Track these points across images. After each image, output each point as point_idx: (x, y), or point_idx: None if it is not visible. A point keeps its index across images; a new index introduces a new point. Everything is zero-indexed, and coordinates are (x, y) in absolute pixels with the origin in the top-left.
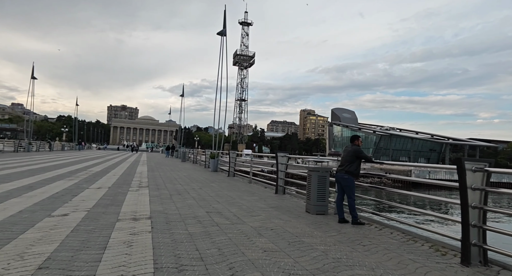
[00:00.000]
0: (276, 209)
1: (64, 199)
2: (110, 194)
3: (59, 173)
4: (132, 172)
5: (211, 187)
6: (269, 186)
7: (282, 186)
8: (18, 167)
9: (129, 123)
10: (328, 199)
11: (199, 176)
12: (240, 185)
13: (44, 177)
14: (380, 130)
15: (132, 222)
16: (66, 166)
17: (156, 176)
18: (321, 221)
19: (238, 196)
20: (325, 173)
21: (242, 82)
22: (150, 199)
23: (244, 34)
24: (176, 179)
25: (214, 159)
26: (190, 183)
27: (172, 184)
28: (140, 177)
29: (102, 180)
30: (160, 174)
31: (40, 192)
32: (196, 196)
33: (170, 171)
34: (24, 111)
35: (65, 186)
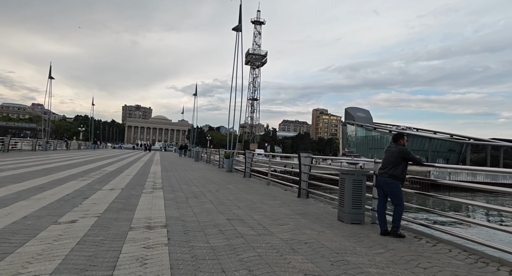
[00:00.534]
0: (304, 216)
1: (74, 202)
2: (123, 197)
3: (73, 173)
4: (145, 172)
5: (228, 189)
6: (289, 189)
7: (305, 189)
8: (33, 166)
9: (143, 123)
10: (364, 207)
11: (214, 176)
12: (258, 187)
13: (57, 177)
14: (396, 130)
15: (146, 231)
16: (80, 165)
17: (170, 177)
18: (360, 233)
19: (258, 200)
20: (362, 176)
21: (254, 81)
22: (165, 202)
23: (257, 33)
24: (191, 179)
25: (229, 159)
26: (206, 184)
27: (187, 185)
28: (154, 177)
29: (115, 180)
30: (174, 174)
31: (50, 193)
32: (214, 200)
33: (184, 171)
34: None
35: (77, 187)
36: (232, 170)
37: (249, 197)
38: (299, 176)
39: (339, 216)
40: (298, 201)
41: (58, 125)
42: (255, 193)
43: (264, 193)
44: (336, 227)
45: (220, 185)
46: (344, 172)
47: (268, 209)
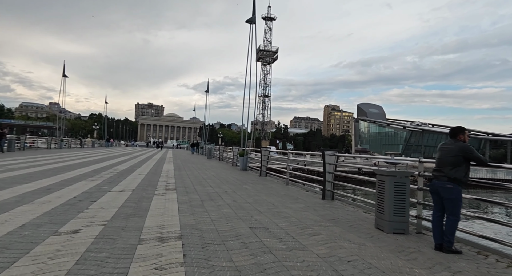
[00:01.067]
0: (336, 224)
1: (80, 206)
2: (134, 199)
3: (83, 172)
4: (158, 171)
5: (245, 189)
6: (311, 189)
7: (330, 190)
8: (45, 164)
9: (155, 121)
10: (408, 214)
11: (228, 175)
12: (277, 188)
13: (66, 177)
14: (410, 126)
15: (158, 244)
16: (92, 164)
17: (184, 176)
18: (408, 246)
19: (280, 203)
20: (405, 179)
21: (265, 78)
22: (179, 206)
23: (267, 29)
24: (205, 179)
25: (243, 156)
26: (221, 185)
27: (201, 185)
28: (166, 176)
29: (126, 180)
30: (187, 173)
31: (56, 196)
32: (232, 203)
33: (197, 169)
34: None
35: (85, 189)
36: (246, 168)
37: (270, 200)
38: (323, 176)
39: (377, 224)
40: (324, 204)
41: (74, 123)
42: (274, 194)
43: (284, 194)
44: (377, 238)
45: (236, 185)
46: (383, 173)
47: (293, 214)
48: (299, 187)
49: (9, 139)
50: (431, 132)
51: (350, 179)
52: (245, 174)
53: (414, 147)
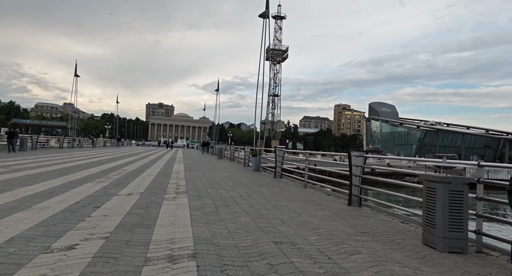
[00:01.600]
0: (373, 238)
1: (82, 213)
2: (141, 205)
3: (91, 173)
4: (168, 172)
5: (262, 193)
6: (333, 193)
7: (357, 195)
8: (54, 164)
9: (166, 120)
10: (467, 229)
11: (241, 177)
12: (295, 191)
13: (73, 178)
14: (425, 125)
15: (168, 266)
16: (101, 164)
17: (195, 177)
18: (477, 273)
19: (302, 209)
20: (462, 186)
21: (275, 77)
22: (191, 213)
23: (277, 28)
24: (217, 181)
25: (256, 157)
26: (235, 187)
27: (214, 188)
28: (177, 178)
29: (134, 182)
30: (198, 174)
31: (57, 201)
32: (249, 209)
33: (208, 170)
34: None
35: (90, 192)
36: (259, 169)
37: (290, 206)
38: (349, 179)
39: (426, 240)
40: (352, 212)
41: (87, 123)
42: (294, 199)
43: (305, 199)
44: (431, 259)
45: (251, 188)
46: (434, 178)
47: (320, 225)
48: (318, 190)
49: (21, 138)
50: (446, 132)
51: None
52: (259, 175)
53: (428, 147)
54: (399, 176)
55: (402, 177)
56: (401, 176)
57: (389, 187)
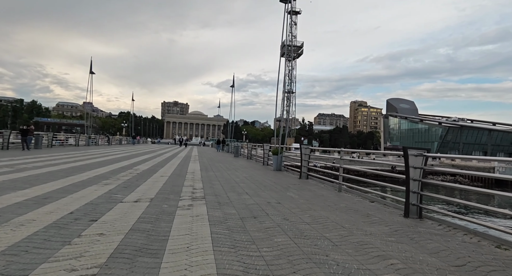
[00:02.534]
0: (470, 273)
1: (71, 231)
2: (149, 217)
3: (99, 173)
4: (183, 172)
5: (292, 199)
6: (376, 199)
7: (416, 205)
8: (63, 163)
9: (181, 119)
10: None
11: (263, 177)
12: (330, 196)
13: (77, 179)
14: (447, 122)
15: None
16: (113, 163)
17: (212, 178)
18: None
19: (350, 223)
20: None
21: (290, 73)
22: (212, 230)
23: (292, 23)
24: (237, 183)
25: (277, 155)
26: (259, 191)
27: (235, 192)
28: (192, 179)
29: (145, 184)
30: (215, 174)
31: (47, 211)
32: (283, 223)
33: (226, 170)
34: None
35: (91, 197)
36: (281, 169)
37: (332, 217)
38: (406, 184)
39: None
40: (415, 227)
41: (104, 121)
42: (332, 207)
43: (346, 207)
44: None
45: (278, 193)
46: None
47: (386, 250)
48: (356, 195)
49: (36, 136)
50: (471, 128)
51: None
52: (282, 176)
53: (451, 144)
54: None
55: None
56: (472, 179)
57: (452, 193)
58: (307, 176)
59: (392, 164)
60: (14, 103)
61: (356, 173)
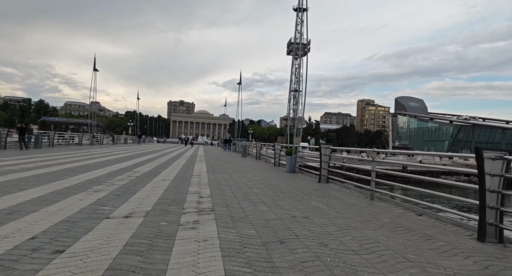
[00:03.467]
0: None
1: (15, 275)
2: (140, 243)
3: (93, 176)
4: (188, 174)
5: (320, 211)
6: (423, 211)
7: (495, 224)
8: (57, 164)
9: (187, 118)
10: None
11: (278, 181)
12: (362, 205)
13: (64, 185)
14: (458, 120)
15: None
16: (112, 164)
17: (221, 182)
18: None
19: (412, 251)
20: None
21: (297, 72)
22: (227, 268)
23: (299, 21)
24: (250, 188)
25: (291, 155)
26: (278, 200)
27: (250, 201)
28: (198, 184)
29: (143, 191)
30: (224, 177)
31: (1, 234)
32: (323, 253)
33: (235, 171)
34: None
35: (71, 211)
36: (295, 170)
37: (385, 241)
38: (480, 196)
39: None
40: (507, 258)
41: (111, 120)
42: (375, 222)
43: (391, 222)
44: None
45: (300, 201)
46: None
47: None
48: (394, 204)
49: (36, 135)
50: (483, 127)
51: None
52: (298, 179)
53: (462, 143)
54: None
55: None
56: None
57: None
58: (327, 179)
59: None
60: (21, 103)
61: (384, 175)
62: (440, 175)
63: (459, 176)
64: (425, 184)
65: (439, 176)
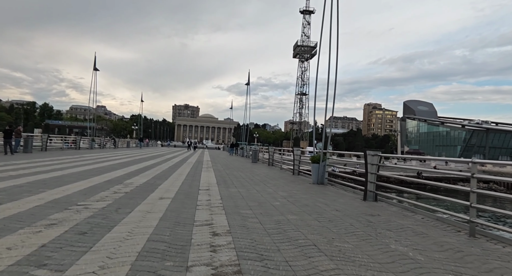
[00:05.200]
0: None
1: None
2: None
3: (64, 194)
4: (193, 188)
5: (414, 263)
6: None
7: None
8: (31, 174)
9: (191, 121)
10: None
11: (310, 198)
12: (468, 249)
13: (11, 211)
14: (471, 125)
15: None
16: (102, 173)
17: (238, 202)
18: None
19: None
20: None
21: (303, 75)
22: None
23: (305, 23)
24: (281, 212)
25: (319, 163)
26: (335, 239)
27: (294, 243)
28: (209, 206)
29: (125, 224)
30: (240, 192)
31: None
32: None
33: (251, 183)
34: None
35: None
36: (324, 181)
37: None
38: None
39: None
40: None
41: (116, 124)
42: None
43: None
44: None
45: (370, 241)
46: None
47: None
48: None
49: (26, 139)
50: (497, 131)
51: None
52: (333, 194)
53: (475, 148)
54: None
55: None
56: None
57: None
58: (375, 196)
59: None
60: (26, 106)
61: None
62: (457, 182)
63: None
64: (441, 192)
65: (456, 182)
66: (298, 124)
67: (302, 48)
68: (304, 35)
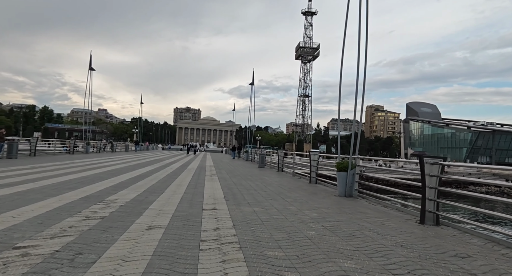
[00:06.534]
0: None
1: None
2: None
3: (13, 223)
4: (195, 209)
5: None
6: None
7: None
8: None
9: (193, 124)
10: None
11: (351, 221)
12: None
13: None
14: (477, 126)
15: None
16: (83, 185)
17: (258, 232)
18: None
19: None
20: None
21: (306, 76)
22: None
23: (308, 24)
24: (316, 245)
25: (347, 172)
26: None
27: None
28: (217, 238)
29: None
30: (256, 212)
31: None
32: None
33: (266, 196)
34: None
35: None
36: (353, 194)
37: None
38: None
39: None
40: None
41: (116, 127)
42: None
43: None
44: None
45: None
46: None
47: None
48: None
49: (10, 143)
50: (503, 133)
51: None
52: (373, 213)
53: (482, 150)
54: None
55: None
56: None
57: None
58: (436, 218)
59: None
60: (25, 110)
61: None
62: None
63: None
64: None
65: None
66: (301, 127)
67: (305, 49)
68: (306, 37)
